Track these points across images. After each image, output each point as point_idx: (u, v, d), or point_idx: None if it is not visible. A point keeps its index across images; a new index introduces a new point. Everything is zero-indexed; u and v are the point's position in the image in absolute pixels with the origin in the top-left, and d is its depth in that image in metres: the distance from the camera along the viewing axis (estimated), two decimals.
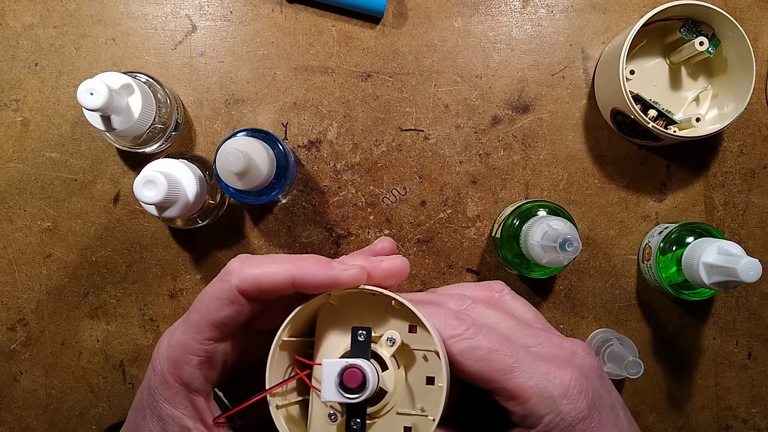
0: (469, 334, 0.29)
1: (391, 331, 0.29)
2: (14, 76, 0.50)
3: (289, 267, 0.27)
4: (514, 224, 0.46)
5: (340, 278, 0.28)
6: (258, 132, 0.44)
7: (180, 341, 0.28)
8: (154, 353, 0.30)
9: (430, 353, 0.29)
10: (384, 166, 0.51)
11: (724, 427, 0.52)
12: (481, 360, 0.28)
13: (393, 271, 0.30)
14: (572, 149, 0.51)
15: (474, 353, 0.28)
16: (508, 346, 0.28)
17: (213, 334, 0.28)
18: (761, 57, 0.51)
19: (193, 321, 0.28)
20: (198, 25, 0.51)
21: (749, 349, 0.52)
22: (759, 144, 0.52)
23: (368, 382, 0.26)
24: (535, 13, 0.51)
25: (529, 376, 0.27)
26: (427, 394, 0.30)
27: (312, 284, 0.28)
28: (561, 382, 0.27)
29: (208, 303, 0.28)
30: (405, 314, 0.29)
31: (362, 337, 0.28)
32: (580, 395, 0.27)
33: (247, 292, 0.27)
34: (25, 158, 0.51)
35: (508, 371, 0.28)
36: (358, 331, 0.28)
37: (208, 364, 0.29)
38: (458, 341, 0.29)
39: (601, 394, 0.28)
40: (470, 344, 0.28)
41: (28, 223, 0.51)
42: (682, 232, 0.47)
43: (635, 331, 0.51)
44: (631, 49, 0.49)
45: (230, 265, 0.28)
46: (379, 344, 0.29)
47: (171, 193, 0.40)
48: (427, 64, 0.51)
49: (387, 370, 0.29)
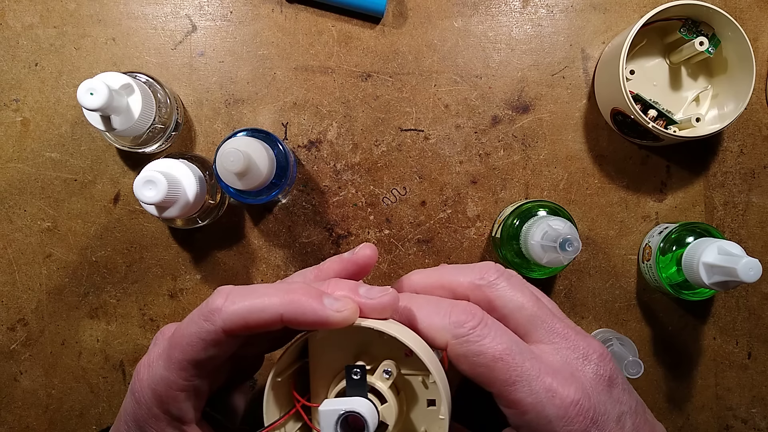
0: (474, 336, 0.27)
1: (387, 362, 0.28)
2: (14, 76, 0.50)
3: (276, 303, 0.26)
4: (514, 224, 0.46)
5: (330, 319, 0.26)
6: (258, 132, 0.44)
7: (164, 378, 0.27)
8: (134, 382, 0.28)
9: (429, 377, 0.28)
10: (384, 166, 0.51)
11: (724, 427, 0.52)
12: (484, 367, 0.27)
13: (383, 309, 0.28)
14: (572, 149, 0.51)
15: (477, 359, 0.27)
16: (514, 355, 0.27)
17: (198, 372, 0.27)
18: (761, 57, 0.51)
19: (176, 359, 0.27)
20: (198, 25, 0.51)
21: (749, 349, 0.52)
22: (759, 144, 0.52)
23: (368, 426, 0.26)
24: (535, 13, 0.51)
25: (530, 391, 0.27)
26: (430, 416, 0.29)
27: (301, 323, 0.26)
28: (561, 403, 0.26)
29: (192, 343, 0.27)
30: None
31: (357, 375, 0.27)
32: (578, 417, 0.26)
33: (233, 331, 0.26)
34: (25, 158, 0.51)
35: (510, 383, 0.27)
36: (352, 369, 0.27)
37: (195, 395, 0.28)
38: (462, 343, 0.27)
39: (607, 408, 0.27)
40: (474, 349, 0.27)
41: (28, 223, 0.51)
42: (682, 232, 0.47)
43: (635, 331, 0.51)
44: (631, 49, 0.49)
45: (214, 302, 0.26)
46: (375, 377, 0.28)
47: (171, 193, 0.40)
48: (427, 64, 0.51)
49: (386, 403, 0.28)
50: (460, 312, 0.28)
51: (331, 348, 0.29)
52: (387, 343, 0.28)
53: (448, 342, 0.28)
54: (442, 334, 0.28)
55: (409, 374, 0.29)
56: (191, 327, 0.27)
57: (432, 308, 0.29)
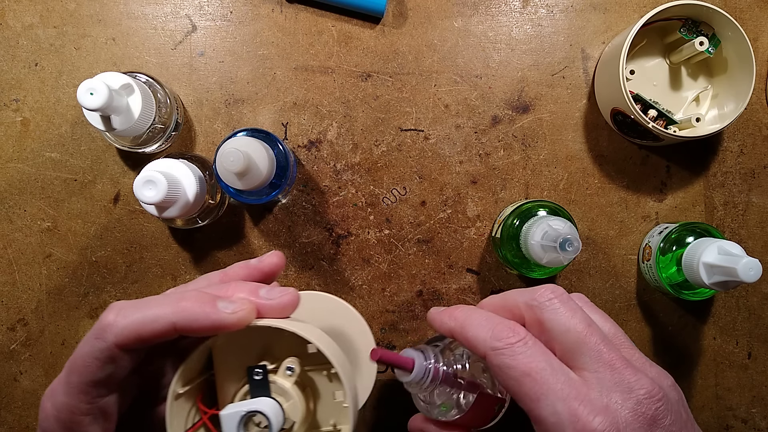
0: (509, 351, 0.28)
1: (289, 359, 0.29)
2: (14, 76, 0.50)
3: (168, 313, 0.26)
4: (514, 224, 0.46)
5: (225, 322, 0.26)
6: (258, 132, 0.44)
7: (66, 404, 0.27)
8: (40, 417, 0.28)
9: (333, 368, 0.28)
10: (384, 166, 0.51)
11: (724, 427, 0.52)
12: (513, 380, 0.28)
13: (283, 308, 0.29)
14: (572, 149, 0.51)
15: (509, 372, 0.28)
16: (544, 374, 0.28)
17: (99, 392, 0.27)
18: (761, 57, 0.51)
19: (74, 383, 0.27)
20: (198, 25, 0.51)
21: (749, 349, 0.52)
22: (759, 144, 0.52)
23: (271, 424, 0.26)
24: (535, 13, 0.51)
25: (553, 411, 0.27)
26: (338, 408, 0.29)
27: (195, 329, 0.26)
28: (582, 430, 0.26)
29: (87, 363, 0.26)
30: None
31: (259, 375, 0.28)
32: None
33: (127, 345, 0.26)
34: (25, 158, 0.50)
35: (535, 399, 0.27)
36: (254, 370, 0.28)
37: (102, 417, 0.27)
38: (497, 355, 0.29)
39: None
40: (507, 362, 0.28)
41: (28, 223, 0.51)
42: (682, 232, 0.47)
43: (635, 331, 0.51)
44: (631, 49, 0.49)
45: (104, 319, 0.26)
46: (278, 375, 0.28)
47: (171, 193, 0.40)
48: (427, 64, 0.51)
49: (291, 400, 0.28)
50: (503, 328, 0.29)
51: (235, 353, 0.29)
52: (289, 342, 0.29)
53: (486, 353, 0.29)
54: (483, 345, 0.29)
55: (314, 369, 0.30)
56: (85, 348, 0.26)
57: (482, 321, 0.30)
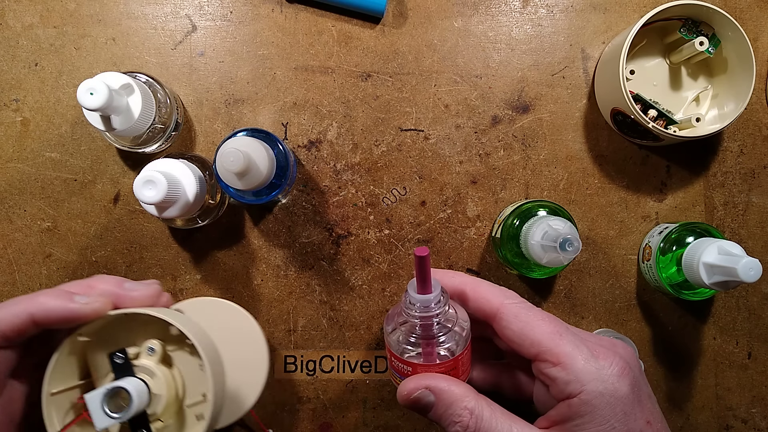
0: (523, 306, 0.31)
1: (149, 341, 0.31)
2: (14, 76, 0.50)
3: (26, 307, 0.27)
4: (514, 224, 0.46)
5: (80, 312, 0.27)
6: (258, 132, 0.44)
7: None
8: None
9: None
10: (384, 166, 0.51)
11: (724, 427, 0.52)
12: (532, 324, 0.30)
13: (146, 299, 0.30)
14: (572, 149, 0.51)
15: (527, 318, 0.30)
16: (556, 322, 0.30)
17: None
18: (761, 57, 0.51)
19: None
20: (198, 25, 0.51)
21: (749, 349, 0.52)
22: (759, 144, 0.52)
23: (132, 398, 0.28)
24: (535, 13, 0.51)
25: (575, 345, 0.29)
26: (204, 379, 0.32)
27: (53, 320, 0.27)
28: (606, 358, 0.28)
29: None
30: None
31: (120, 359, 0.30)
32: (623, 373, 0.28)
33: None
34: (25, 158, 0.51)
35: (557, 335, 0.29)
36: (114, 354, 0.30)
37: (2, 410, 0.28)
38: (517, 303, 0.31)
39: (641, 383, 0.29)
40: (524, 309, 0.30)
41: (28, 223, 0.51)
42: (682, 232, 0.47)
43: (635, 331, 0.51)
44: (631, 49, 0.49)
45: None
46: (142, 357, 0.31)
47: (171, 193, 0.40)
48: (427, 64, 0.51)
49: (155, 377, 0.30)
50: (512, 292, 0.32)
51: (101, 347, 0.31)
52: (155, 330, 0.32)
53: (502, 303, 0.31)
54: (496, 297, 0.31)
55: (178, 348, 0.32)
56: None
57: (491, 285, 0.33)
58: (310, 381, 0.51)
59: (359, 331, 0.51)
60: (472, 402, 0.29)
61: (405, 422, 0.51)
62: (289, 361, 0.51)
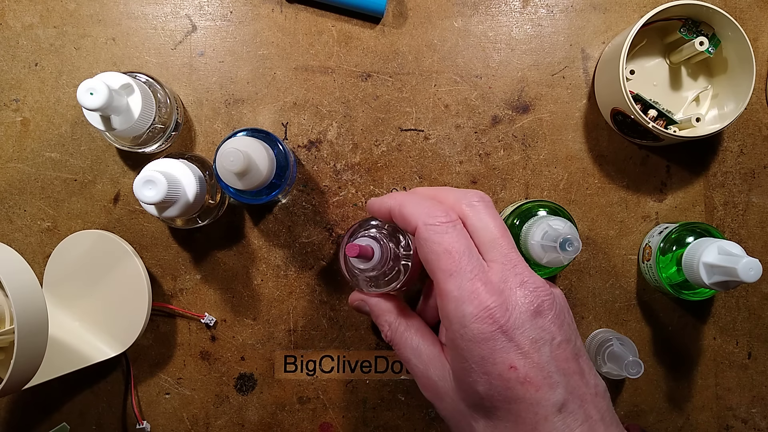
0: (439, 229, 0.32)
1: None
2: (14, 76, 0.50)
3: None
4: (514, 224, 0.46)
5: None
6: (258, 132, 0.44)
7: None
8: None
9: None
10: (384, 166, 0.51)
11: (724, 427, 0.52)
12: (433, 254, 0.32)
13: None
14: (572, 149, 0.51)
15: (432, 246, 0.32)
16: (462, 255, 0.32)
17: None
18: (761, 57, 0.51)
19: None
20: (198, 25, 0.51)
21: (749, 349, 0.52)
22: (759, 144, 0.52)
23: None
24: (535, 13, 0.51)
25: (459, 286, 0.31)
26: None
27: None
28: (478, 304, 0.30)
29: None
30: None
31: None
32: (488, 319, 0.30)
33: None
34: (25, 158, 0.51)
35: (448, 274, 0.32)
36: None
37: None
38: (428, 230, 0.32)
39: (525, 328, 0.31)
40: (434, 238, 0.32)
41: (28, 223, 0.51)
42: (682, 232, 0.47)
43: (635, 331, 0.51)
44: (631, 49, 0.49)
45: None
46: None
47: (171, 193, 0.40)
48: (427, 64, 0.51)
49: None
50: (438, 209, 0.33)
51: None
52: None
53: (418, 226, 0.33)
54: (416, 220, 0.33)
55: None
56: None
57: (419, 202, 0.34)
58: (310, 381, 0.51)
59: (359, 331, 0.51)
60: (392, 317, 0.39)
61: (405, 422, 0.51)
62: (289, 361, 0.51)
